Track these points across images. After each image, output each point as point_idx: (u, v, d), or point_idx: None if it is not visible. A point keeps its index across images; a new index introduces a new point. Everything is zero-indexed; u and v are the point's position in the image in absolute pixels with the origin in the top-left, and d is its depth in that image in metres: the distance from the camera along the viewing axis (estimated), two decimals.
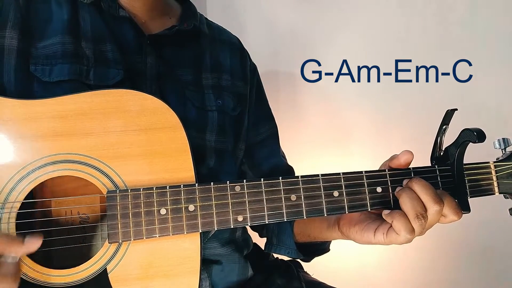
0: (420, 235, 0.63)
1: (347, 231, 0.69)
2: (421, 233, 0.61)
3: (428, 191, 0.60)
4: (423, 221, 0.59)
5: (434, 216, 0.61)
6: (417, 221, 0.59)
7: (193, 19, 0.83)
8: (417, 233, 0.61)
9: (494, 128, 0.73)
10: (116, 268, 0.59)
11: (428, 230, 0.64)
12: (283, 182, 0.62)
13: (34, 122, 0.59)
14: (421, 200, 0.61)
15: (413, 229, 0.60)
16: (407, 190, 0.62)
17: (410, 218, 0.60)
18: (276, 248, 0.84)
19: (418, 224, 0.60)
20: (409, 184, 0.62)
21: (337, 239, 0.75)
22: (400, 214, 0.60)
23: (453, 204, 0.62)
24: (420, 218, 0.59)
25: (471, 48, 1.41)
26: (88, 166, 0.59)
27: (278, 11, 1.40)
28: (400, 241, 0.61)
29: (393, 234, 0.61)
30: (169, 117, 0.62)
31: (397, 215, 0.60)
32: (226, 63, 0.86)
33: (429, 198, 0.60)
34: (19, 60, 0.67)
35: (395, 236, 0.61)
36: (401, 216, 0.60)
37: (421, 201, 0.60)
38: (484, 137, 0.63)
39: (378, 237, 0.64)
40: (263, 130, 0.91)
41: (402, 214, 0.60)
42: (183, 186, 0.60)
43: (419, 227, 0.60)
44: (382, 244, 0.64)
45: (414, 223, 0.60)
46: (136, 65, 0.73)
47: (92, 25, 0.72)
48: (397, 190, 0.63)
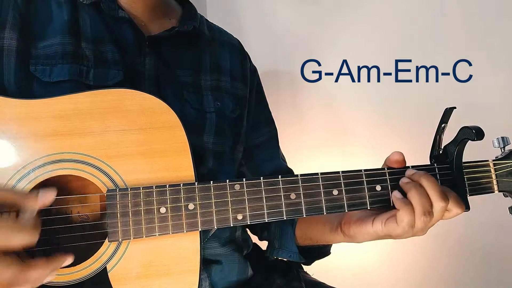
0: (421, 233, 0.63)
1: (348, 229, 0.69)
2: (422, 230, 0.61)
3: (436, 187, 0.61)
4: (428, 218, 0.60)
5: (438, 213, 0.61)
6: (423, 217, 0.60)
7: (193, 20, 0.83)
8: (418, 229, 0.61)
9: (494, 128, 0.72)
10: (116, 267, 0.59)
11: (429, 230, 0.64)
12: (283, 181, 0.62)
13: (34, 121, 0.59)
14: (429, 196, 0.61)
15: (414, 223, 0.60)
16: (417, 186, 0.61)
17: (416, 213, 0.60)
18: (278, 252, 0.84)
19: (422, 221, 0.60)
20: (416, 178, 0.62)
21: (339, 242, 0.75)
22: (408, 206, 0.60)
23: (456, 197, 0.62)
24: (426, 215, 0.60)
25: (471, 48, 1.41)
26: (88, 165, 0.60)
27: (278, 11, 1.40)
28: (397, 233, 0.61)
29: (392, 224, 0.61)
30: (169, 116, 0.63)
31: (406, 205, 0.61)
32: (226, 65, 0.86)
33: (436, 194, 0.60)
34: (18, 60, 0.67)
35: (394, 226, 0.61)
36: (409, 208, 0.60)
37: (429, 198, 0.61)
38: (482, 135, 0.63)
39: (376, 225, 0.64)
40: (262, 132, 0.91)
41: (410, 207, 0.60)
42: (182, 185, 0.60)
43: (422, 223, 0.60)
44: (379, 233, 0.64)
45: (419, 218, 0.60)
46: (135, 66, 0.74)
47: (92, 26, 0.72)
48: (404, 181, 0.63)
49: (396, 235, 0.62)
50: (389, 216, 0.62)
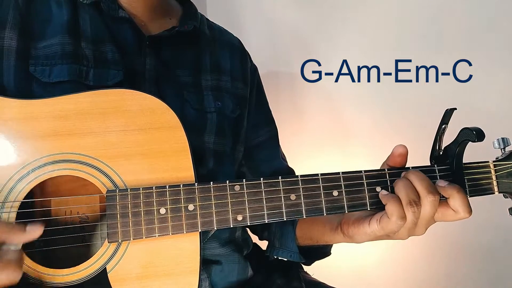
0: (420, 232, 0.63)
1: (347, 229, 0.69)
2: (414, 224, 0.61)
3: (423, 181, 0.61)
4: (415, 209, 0.60)
5: (429, 207, 0.60)
6: (409, 208, 0.60)
7: (194, 20, 0.83)
8: (410, 223, 0.61)
9: (494, 128, 0.72)
10: (116, 267, 0.59)
11: (428, 230, 0.64)
12: (283, 182, 0.62)
13: (34, 121, 0.59)
14: (416, 190, 0.61)
15: (405, 215, 0.60)
16: (403, 179, 0.63)
17: (403, 204, 0.60)
18: (279, 251, 0.84)
19: (410, 212, 0.60)
20: (406, 175, 0.63)
21: (339, 242, 0.75)
22: (394, 198, 0.61)
23: (466, 200, 0.62)
24: (412, 205, 0.60)
25: (471, 48, 1.41)
26: (88, 166, 0.60)
27: (278, 11, 1.40)
28: (391, 227, 0.61)
29: (385, 220, 0.62)
30: (169, 117, 0.62)
31: (392, 198, 0.61)
32: (226, 65, 0.86)
33: (423, 188, 0.61)
34: (18, 60, 0.67)
35: (387, 222, 0.61)
36: (395, 201, 0.61)
37: (415, 190, 0.61)
38: (483, 136, 0.63)
39: (372, 225, 0.64)
40: (263, 132, 0.90)
41: (396, 199, 0.61)
42: (182, 185, 0.60)
43: (411, 214, 0.60)
44: (377, 233, 0.64)
45: (407, 209, 0.60)
46: (135, 66, 0.73)
47: (92, 26, 0.72)
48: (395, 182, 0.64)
49: (392, 232, 0.62)
50: (383, 214, 0.63)
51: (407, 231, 0.62)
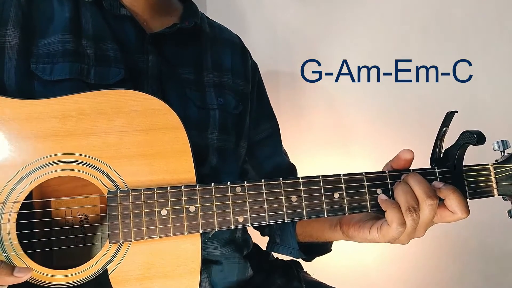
0: (419, 234, 0.63)
1: (347, 230, 0.69)
2: (414, 229, 0.61)
3: (422, 185, 0.61)
4: (414, 215, 0.60)
5: (427, 211, 0.60)
6: (408, 214, 0.60)
7: (194, 17, 0.83)
8: (410, 228, 0.61)
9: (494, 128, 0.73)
10: (117, 268, 0.59)
11: (428, 230, 0.64)
12: (284, 183, 0.62)
13: (35, 122, 0.59)
14: (415, 194, 0.61)
15: (404, 222, 0.60)
16: (402, 184, 0.62)
17: (402, 210, 0.60)
18: (279, 248, 0.84)
19: (409, 218, 0.60)
20: (405, 178, 0.63)
21: (339, 239, 0.75)
22: (394, 205, 0.61)
23: (462, 200, 0.62)
24: (411, 211, 0.60)
25: (471, 48, 1.41)
26: (89, 167, 0.59)
27: (278, 11, 1.40)
28: (392, 235, 0.61)
29: (385, 228, 0.62)
30: (170, 117, 0.62)
31: (391, 205, 0.61)
32: (227, 62, 0.86)
33: (422, 192, 0.60)
34: (20, 58, 0.67)
35: (387, 229, 0.61)
36: (395, 207, 0.61)
37: (414, 195, 0.61)
38: (484, 140, 0.63)
39: (372, 233, 0.64)
40: (264, 128, 0.91)
41: (396, 205, 0.61)
42: (184, 187, 0.60)
43: (410, 220, 0.60)
44: (377, 240, 0.64)
45: (406, 216, 0.60)
46: (137, 64, 0.73)
47: (93, 24, 0.72)
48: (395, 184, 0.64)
49: (393, 238, 0.62)
50: (383, 221, 0.63)
51: (407, 235, 0.62)
